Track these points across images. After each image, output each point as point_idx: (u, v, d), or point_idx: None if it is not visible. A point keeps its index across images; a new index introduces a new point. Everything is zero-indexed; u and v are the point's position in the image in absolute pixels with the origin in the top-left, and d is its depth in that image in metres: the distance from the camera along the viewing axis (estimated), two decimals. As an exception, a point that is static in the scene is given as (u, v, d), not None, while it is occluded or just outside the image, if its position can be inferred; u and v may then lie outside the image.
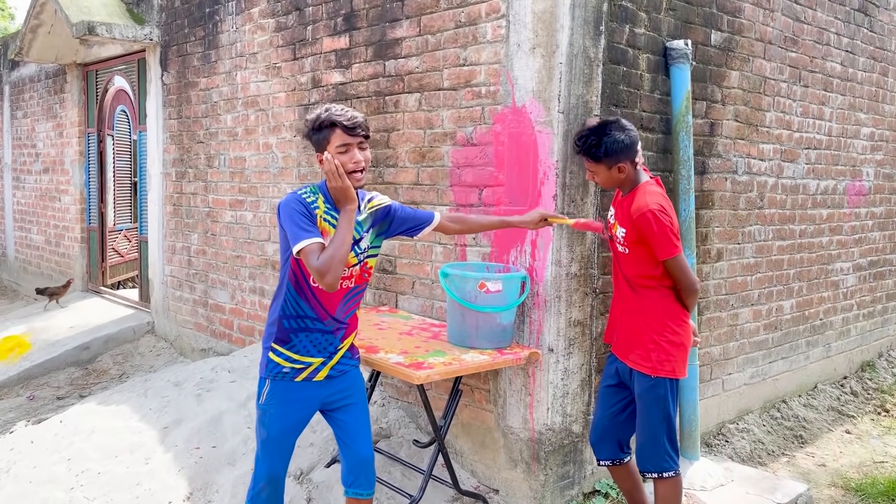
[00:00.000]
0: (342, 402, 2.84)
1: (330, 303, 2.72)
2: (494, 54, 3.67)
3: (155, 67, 6.52)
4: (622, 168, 3.01)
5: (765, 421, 4.87)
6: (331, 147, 2.62)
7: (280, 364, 2.74)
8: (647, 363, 3.01)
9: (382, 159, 4.32)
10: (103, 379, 6.21)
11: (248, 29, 5.35)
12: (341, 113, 2.64)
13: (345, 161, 2.62)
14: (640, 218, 2.92)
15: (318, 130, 2.65)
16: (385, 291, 4.36)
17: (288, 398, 2.75)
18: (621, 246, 3.08)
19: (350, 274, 2.73)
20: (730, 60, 4.28)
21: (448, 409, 3.53)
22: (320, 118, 2.64)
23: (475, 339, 3.42)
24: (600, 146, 2.97)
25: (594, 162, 3.03)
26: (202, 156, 5.97)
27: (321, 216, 2.65)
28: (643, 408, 3.05)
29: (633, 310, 3.08)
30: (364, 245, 2.79)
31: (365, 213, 2.82)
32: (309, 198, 2.66)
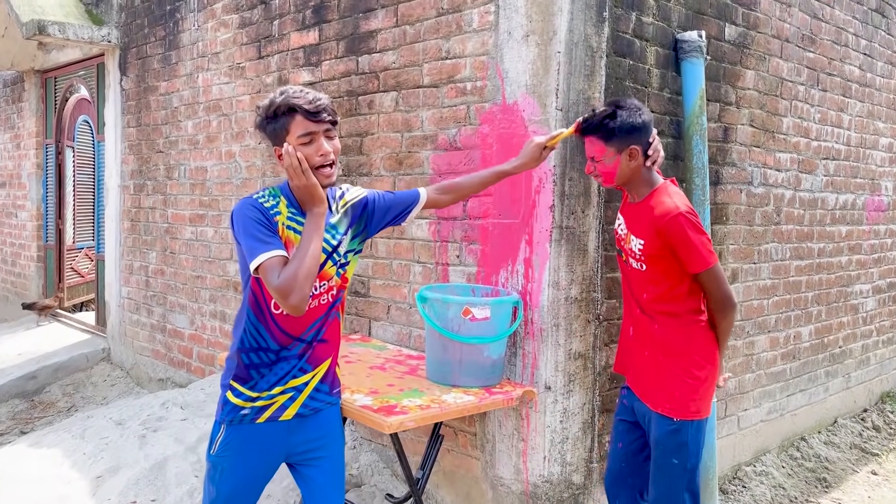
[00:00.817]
0: (313, 453, 2.29)
1: (299, 325, 2.20)
2: (482, 44, 3.19)
3: (114, 72, 6.00)
4: (634, 153, 2.50)
5: (784, 462, 4.35)
6: (291, 138, 2.08)
7: (239, 406, 2.20)
8: (668, 404, 2.49)
9: (354, 167, 3.81)
10: (50, 412, 5.62)
11: (211, 26, 4.85)
12: (300, 95, 2.09)
13: (309, 153, 2.09)
14: (669, 222, 2.41)
15: (273, 119, 2.10)
16: (357, 317, 3.83)
17: (246, 447, 2.21)
18: (636, 262, 2.56)
19: (328, 288, 2.23)
20: (745, 58, 3.82)
21: (427, 457, 2.99)
22: (275, 103, 2.10)
23: (459, 376, 2.89)
24: (615, 116, 2.47)
25: (604, 141, 2.51)
26: (161, 166, 5.44)
27: (283, 223, 2.13)
28: (660, 456, 2.52)
29: (650, 341, 2.57)
30: (342, 251, 2.27)
31: (339, 212, 2.29)
32: (267, 202, 2.14)
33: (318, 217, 2.09)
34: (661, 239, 2.44)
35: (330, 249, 2.21)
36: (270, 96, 2.13)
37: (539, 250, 2.99)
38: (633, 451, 2.68)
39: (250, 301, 2.18)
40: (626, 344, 2.73)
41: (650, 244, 2.48)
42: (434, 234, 3.42)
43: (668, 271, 2.47)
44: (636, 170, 2.53)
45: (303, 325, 2.20)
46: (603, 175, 2.58)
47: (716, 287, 2.47)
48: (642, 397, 2.59)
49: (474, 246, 3.25)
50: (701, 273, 2.45)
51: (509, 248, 3.09)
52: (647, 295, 2.56)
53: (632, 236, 2.56)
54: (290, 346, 2.20)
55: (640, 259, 2.54)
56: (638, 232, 2.53)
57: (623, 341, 2.76)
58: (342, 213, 2.30)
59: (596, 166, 2.57)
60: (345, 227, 2.29)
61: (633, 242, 2.56)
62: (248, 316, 2.19)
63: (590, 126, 2.54)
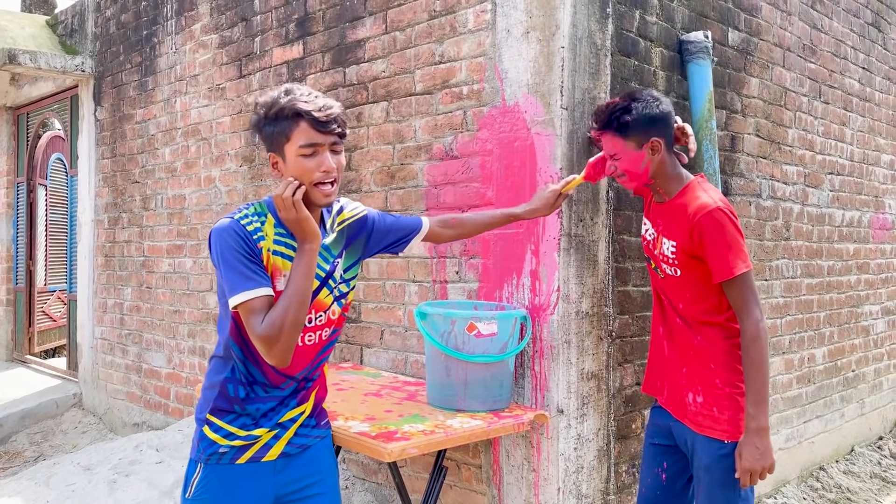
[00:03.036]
0: (306, 491, 2.00)
1: (294, 363, 1.90)
2: (478, 45, 3.00)
3: (88, 103, 5.77)
4: (656, 146, 2.25)
5: (805, 493, 4.08)
6: (291, 146, 1.79)
7: (217, 442, 1.90)
8: (718, 425, 2.19)
9: (343, 184, 3.58)
10: (16, 462, 5.23)
11: (189, 48, 4.66)
12: (309, 99, 1.81)
13: (310, 168, 1.79)
14: (704, 218, 2.14)
15: (274, 121, 1.81)
16: (347, 344, 3.55)
17: (226, 490, 1.91)
18: (670, 267, 2.29)
19: (328, 321, 1.95)
20: (749, 65, 3.67)
21: (429, 493, 2.68)
22: (279, 104, 1.80)
23: (464, 399, 2.62)
24: (629, 110, 2.23)
25: (620, 136, 2.26)
26: (137, 197, 5.18)
27: (268, 248, 1.84)
28: (712, 484, 2.21)
29: (692, 356, 2.28)
30: (338, 276, 1.97)
31: (334, 231, 2.00)
32: (251, 223, 1.84)
33: (311, 254, 1.80)
34: (695, 238, 2.17)
35: (324, 276, 1.93)
36: (274, 94, 1.84)
37: (546, 261, 2.76)
38: (670, 478, 2.38)
39: (233, 334, 1.88)
40: (657, 362, 2.44)
41: (683, 245, 2.22)
42: (430, 250, 3.18)
43: (707, 274, 2.20)
44: (661, 165, 2.28)
45: (298, 364, 1.92)
46: (627, 174, 2.32)
47: (746, 297, 2.14)
48: (683, 419, 2.29)
49: (475, 260, 3.01)
50: (725, 282, 2.15)
51: (514, 260, 2.86)
52: (685, 304, 2.29)
53: (663, 239, 2.30)
54: (283, 385, 1.93)
55: (673, 263, 2.27)
56: (670, 233, 2.27)
57: (654, 360, 2.46)
58: (337, 231, 2.01)
59: (617, 165, 2.32)
60: (340, 248, 2.00)
61: (664, 246, 2.30)
62: (230, 348, 1.90)
63: (604, 122, 2.31)
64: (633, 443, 3.04)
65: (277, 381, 1.91)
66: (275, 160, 1.85)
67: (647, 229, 2.42)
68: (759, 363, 2.12)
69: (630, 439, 3.02)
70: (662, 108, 2.29)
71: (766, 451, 2.11)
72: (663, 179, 2.31)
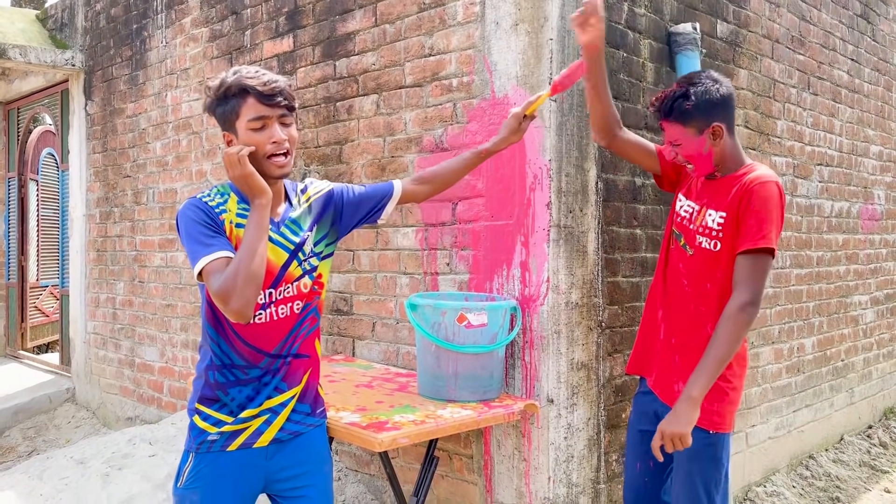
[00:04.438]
0: (296, 481, 2.02)
1: (268, 338, 1.94)
2: (467, 37, 3.01)
3: (78, 97, 5.76)
4: (717, 130, 2.21)
5: (794, 481, 4.12)
6: (241, 122, 1.84)
7: (206, 430, 1.93)
8: (705, 416, 2.17)
9: (334, 177, 3.58)
10: (9, 457, 5.23)
11: (180, 42, 4.65)
12: (254, 76, 1.86)
13: (261, 140, 1.84)
14: (758, 186, 2.13)
15: (223, 100, 1.86)
16: (339, 337, 3.57)
17: (217, 478, 1.93)
18: (709, 240, 2.24)
19: (297, 292, 1.97)
20: (738, 57, 3.69)
21: (420, 483, 2.70)
22: (226, 83, 1.85)
23: (454, 390, 2.64)
24: (688, 97, 2.19)
25: (681, 123, 2.22)
26: (129, 192, 5.17)
27: (231, 221, 1.88)
28: (692, 472, 2.23)
29: (694, 343, 2.24)
30: (308, 249, 2.00)
31: (301, 206, 2.04)
32: (213, 200, 1.90)
33: (261, 209, 1.82)
34: (742, 204, 2.14)
35: (292, 248, 1.97)
36: (221, 75, 1.89)
37: (536, 252, 2.78)
38: (658, 465, 2.37)
39: (207, 314, 1.92)
40: (649, 344, 2.42)
41: (732, 213, 2.18)
42: (421, 243, 3.20)
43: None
44: (723, 148, 2.24)
45: (273, 339, 1.94)
46: (689, 160, 2.27)
47: (752, 275, 2.11)
48: (670, 404, 2.26)
49: (465, 252, 3.02)
50: (746, 252, 2.11)
51: (504, 251, 2.87)
52: (713, 283, 2.23)
53: (708, 211, 2.25)
54: (261, 363, 1.95)
55: (715, 236, 2.22)
56: (718, 205, 2.23)
57: (645, 341, 2.44)
58: (305, 207, 2.05)
59: (678, 151, 2.28)
60: (309, 223, 2.04)
61: (708, 218, 2.25)
62: (207, 332, 1.94)
63: (665, 110, 2.26)
64: (623, 432, 3.06)
65: (255, 358, 1.94)
66: (229, 138, 1.88)
67: (684, 205, 2.37)
68: (726, 341, 2.09)
69: (620, 428, 3.04)
70: (723, 92, 2.23)
71: (687, 421, 2.07)
72: (722, 162, 2.27)
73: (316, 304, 2.05)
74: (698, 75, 2.29)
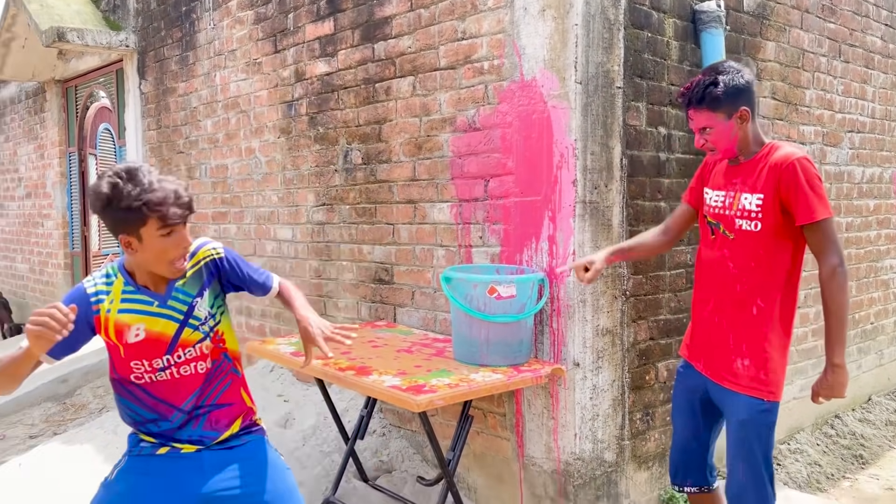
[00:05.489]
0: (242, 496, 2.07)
1: (176, 394, 2.03)
2: (497, 22, 3.17)
3: (133, 76, 6.06)
4: (745, 114, 2.36)
5: (818, 439, 4.28)
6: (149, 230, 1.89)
7: (143, 439, 2.08)
8: (764, 387, 2.35)
9: (374, 155, 3.81)
10: (82, 414, 5.66)
11: (226, 24, 4.88)
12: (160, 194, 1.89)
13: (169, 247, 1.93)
14: (792, 165, 2.26)
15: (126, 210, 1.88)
16: (381, 304, 3.83)
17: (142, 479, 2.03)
18: (749, 221, 2.36)
19: (199, 353, 2.06)
20: (765, 30, 3.76)
21: (457, 439, 2.97)
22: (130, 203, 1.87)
23: (486, 355, 2.88)
24: (717, 84, 2.34)
25: (711, 110, 2.36)
26: (182, 167, 5.48)
27: (112, 311, 1.97)
28: (747, 438, 2.38)
29: (745, 320, 2.39)
30: (202, 314, 2.06)
31: (188, 273, 2.06)
32: (94, 286, 1.99)
33: (21, 353, 1.81)
34: (783, 185, 2.28)
35: (181, 317, 2.03)
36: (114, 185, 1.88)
37: (563, 226, 2.97)
38: (705, 428, 2.59)
39: (111, 376, 2.05)
40: (701, 331, 2.55)
41: (771, 195, 2.31)
42: (456, 217, 3.41)
43: (786, 227, 2.32)
44: (747, 132, 2.39)
45: (181, 394, 2.04)
46: (716, 145, 2.41)
47: (827, 244, 2.27)
48: (723, 382, 2.43)
49: (497, 226, 3.23)
50: (809, 225, 2.26)
51: (532, 225, 3.07)
52: (757, 262, 2.37)
53: (743, 195, 2.38)
54: (172, 416, 2.04)
55: (756, 217, 2.35)
56: (753, 188, 2.36)
57: (698, 329, 2.57)
58: (194, 272, 2.07)
59: (707, 138, 2.41)
60: (198, 289, 2.07)
61: (745, 201, 2.38)
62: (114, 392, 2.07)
63: (694, 97, 2.40)
64: (647, 393, 3.28)
65: (166, 411, 2.03)
66: (127, 241, 1.91)
67: (712, 196, 2.50)
68: (833, 308, 2.30)
69: (643, 390, 3.25)
70: (747, 78, 2.39)
71: (837, 385, 2.34)
72: (746, 144, 2.41)
73: (226, 360, 2.12)
74: (722, 64, 2.44)
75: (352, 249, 4.00)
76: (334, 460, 3.51)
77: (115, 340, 1.97)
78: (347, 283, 4.04)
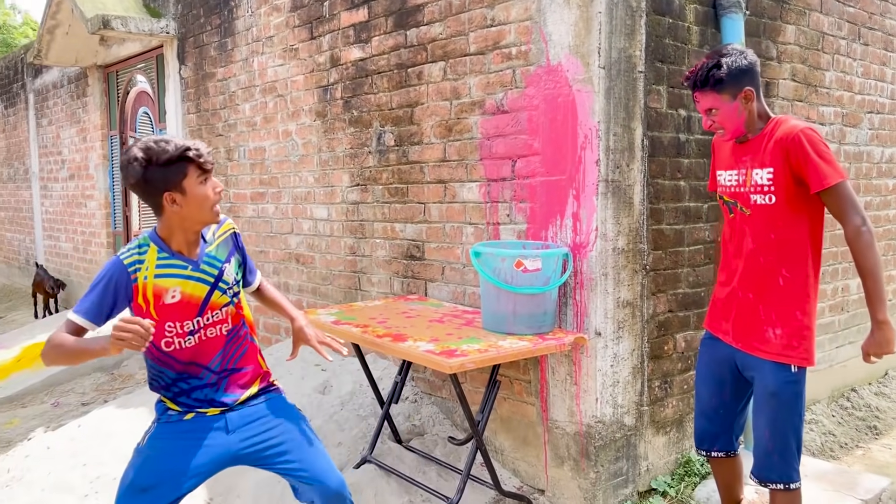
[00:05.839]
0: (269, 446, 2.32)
1: (203, 354, 2.28)
2: (525, 10, 3.34)
3: (173, 62, 6.31)
4: (749, 94, 2.47)
5: (834, 411, 4.43)
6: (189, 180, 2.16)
7: (170, 407, 2.32)
8: (795, 353, 2.47)
9: (406, 137, 4.01)
10: (129, 384, 5.99)
11: (264, 11, 5.09)
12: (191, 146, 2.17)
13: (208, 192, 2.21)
14: (797, 136, 2.37)
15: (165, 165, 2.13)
16: (413, 279, 4.04)
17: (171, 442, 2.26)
18: (763, 196, 2.49)
19: (224, 316, 2.31)
20: (785, 13, 3.88)
21: (485, 402, 3.19)
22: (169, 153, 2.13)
23: (513, 324, 3.08)
24: (721, 66, 2.45)
25: (716, 91, 2.48)
26: (222, 149, 5.73)
27: (149, 277, 2.18)
28: (778, 406, 2.50)
29: (775, 289, 2.51)
30: (230, 279, 2.33)
31: (215, 241, 2.34)
32: (130, 257, 2.20)
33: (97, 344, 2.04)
34: (792, 156, 2.38)
35: (212, 280, 2.26)
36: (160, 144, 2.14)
37: (586, 204, 3.15)
38: (732, 397, 2.72)
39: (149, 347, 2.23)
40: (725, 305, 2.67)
41: (781, 167, 2.42)
42: (484, 196, 3.60)
43: (802, 196, 2.42)
44: (752, 111, 2.50)
45: (207, 355, 2.28)
46: (724, 125, 2.53)
47: (845, 206, 2.34)
48: (755, 352, 2.54)
49: (523, 204, 3.42)
50: (824, 191, 2.34)
51: (557, 203, 3.25)
52: (777, 233, 2.48)
53: (755, 171, 2.50)
54: (201, 374, 2.27)
55: (769, 190, 2.46)
56: (763, 163, 2.48)
57: (721, 304, 2.70)
58: (220, 241, 2.33)
59: (714, 119, 2.53)
60: (226, 255, 2.33)
61: (757, 177, 2.49)
62: (146, 360, 2.29)
63: (699, 80, 2.51)
64: (666, 362, 3.46)
65: (195, 372, 2.26)
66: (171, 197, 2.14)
67: (725, 176, 2.64)
68: (867, 267, 2.37)
69: (662, 359, 3.44)
70: (750, 59, 2.50)
71: (885, 341, 2.40)
72: (752, 123, 2.52)
73: (243, 326, 2.37)
74: (725, 48, 2.57)
75: (385, 227, 4.21)
76: (370, 423, 3.75)
77: (153, 304, 2.18)
78: (381, 259, 4.26)
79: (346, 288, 4.48)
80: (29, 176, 9.98)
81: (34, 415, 5.49)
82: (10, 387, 6.07)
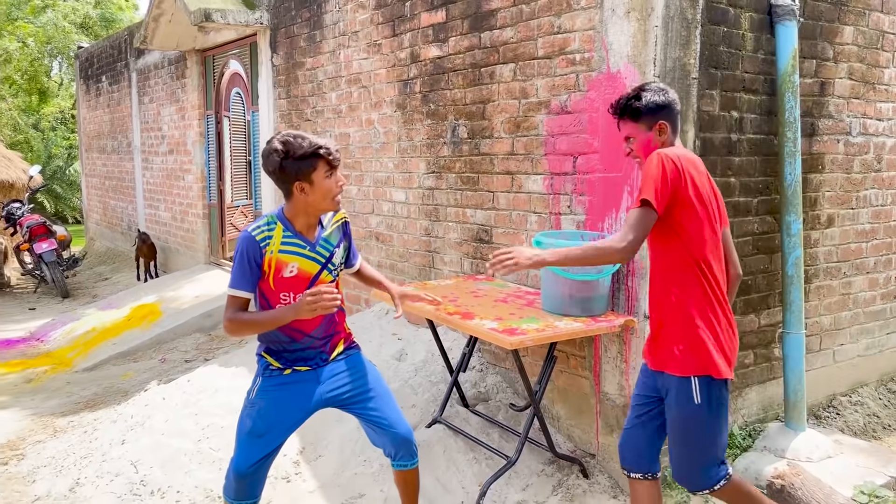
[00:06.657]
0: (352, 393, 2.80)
1: (306, 323, 2.67)
2: (588, 20, 3.65)
3: (265, 50, 6.83)
4: (663, 127, 2.66)
5: (881, 394, 4.64)
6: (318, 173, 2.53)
7: (271, 363, 2.75)
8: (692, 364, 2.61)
9: (478, 130, 4.39)
10: (225, 344, 6.65)
11: (350, 8, 5.52)
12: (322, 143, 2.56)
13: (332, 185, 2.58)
14: (648, 157, 2.60)
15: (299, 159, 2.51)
16: (482, 261, 4.45)
17: (277, 391, 2.71)
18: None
19: None
20: (843, 15, 4.05)
21: (543, 375, 3.60)
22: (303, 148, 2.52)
23: (569, 307, 3.46)
24: (640, 98, 2.67)
25: (633, 120, 2.69)
26: (309, 133, 6.22)
27: (275, 251, 2.58)
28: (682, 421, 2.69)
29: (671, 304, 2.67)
30: (337, 261, 2.74)
31: (330, 226, 2.74)
32: (261, 233, 2.59)
33: (285, 315, 2.53)
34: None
35: (324, 261, 2.65)
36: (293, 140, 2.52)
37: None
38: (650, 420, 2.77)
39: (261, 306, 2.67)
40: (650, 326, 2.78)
41: None
42: (548, 188, 3.96)
43: (669, 217, 2.57)
44: (666, 144, 2.68)
45: (311, 323, 2.67)
46: (639, 153, 2.72)
47: (626, 225, 2.52)
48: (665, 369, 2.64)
49: (583, 197, 3.77)
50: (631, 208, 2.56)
51: (613, 198, 3.59)
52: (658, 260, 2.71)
53: None
54: (303, 340, 2.70)
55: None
56: None
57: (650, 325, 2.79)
58: (334, 227, 2.73)
59: (632, 147, 2.74)
60: (337, 240, 2.73)
61: None
62: None
63: (618, 108, 2.73)
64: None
65: (298, 337, 2.69)
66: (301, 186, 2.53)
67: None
68: (591, 253, 2.63)
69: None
70: (670, 97, 2.69)
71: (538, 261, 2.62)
72: None
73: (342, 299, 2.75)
74: (649, 84, 2.74)
75: (457, 212, 4.63)
76: (440, 389, 4.22)
77: (272, 276, 2.58)
78: (452, 241, 4.69)
79: (421, 266, 4.93)
80: (132, 149, 10.81)
81: (145, 369, 6.21)
82: (123, 343, 6.83)
